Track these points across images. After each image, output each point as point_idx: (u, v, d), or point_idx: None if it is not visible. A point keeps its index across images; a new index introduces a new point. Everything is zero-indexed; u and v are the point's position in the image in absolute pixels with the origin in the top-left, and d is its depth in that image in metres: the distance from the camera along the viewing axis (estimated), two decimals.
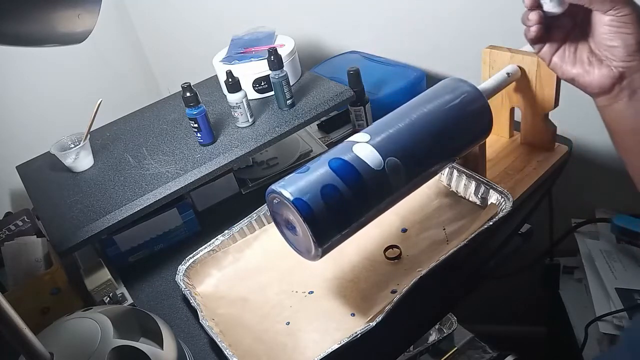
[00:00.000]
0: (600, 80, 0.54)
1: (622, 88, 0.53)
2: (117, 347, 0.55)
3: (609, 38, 0.52)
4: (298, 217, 0.56)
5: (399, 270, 0.73)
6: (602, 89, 0.55)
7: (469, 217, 0.77)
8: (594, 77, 0.55)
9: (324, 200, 0.56)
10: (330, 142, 1.05)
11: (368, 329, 0.62)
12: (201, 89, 1.03)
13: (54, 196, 0.84)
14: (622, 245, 0.97)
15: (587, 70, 0.56)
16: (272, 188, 0.58)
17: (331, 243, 0.58)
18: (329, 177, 0.57)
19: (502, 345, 1.05)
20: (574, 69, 0.57)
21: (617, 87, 0.53)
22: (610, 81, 0.53)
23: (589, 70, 0.55)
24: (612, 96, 0.54)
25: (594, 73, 0.55)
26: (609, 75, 0.53)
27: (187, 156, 0.86)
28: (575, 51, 0.58)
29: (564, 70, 0.58)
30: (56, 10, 0.48)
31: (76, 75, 1.31)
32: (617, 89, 0.54)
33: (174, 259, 0.85)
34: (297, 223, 0.58)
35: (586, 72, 0.56)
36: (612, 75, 0.53)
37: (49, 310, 0.75)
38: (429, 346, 1.06)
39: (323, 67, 1.18)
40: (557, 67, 0.59)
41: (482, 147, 0.79)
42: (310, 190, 0.56)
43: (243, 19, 1.31)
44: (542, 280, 1.10)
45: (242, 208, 0.84)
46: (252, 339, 0.68)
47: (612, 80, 0.53)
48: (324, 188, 0.56)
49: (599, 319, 0.88)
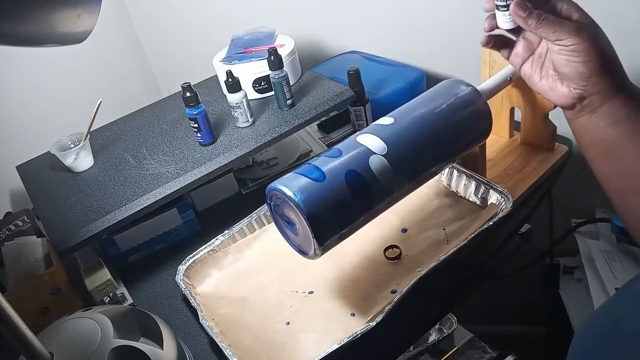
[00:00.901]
0: (562, 99, 0.56)
1: (582, 107, 0.55)
2: (117, 347, 0.55)
3: (561, 64, 0.53)
4: (299, 215, 0.55)
5: (399, 270, 0.73)
6: (565, 105, 0.56)
7: (469, 217, 0.77)
8: (558, 94, 0.56)
9: (325, 197, 0.55)
10: (330, 142, 1.05)
11: (368, 329, 0.62)
12: (201, 89, 1.03)
13: (54, 196, 0.84)
14: (622, 245, 0.97)
15: (552, 87, 0.57)
16: (273, 185, 0.58)
17: (331, 241, 0.58)
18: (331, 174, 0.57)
19: (502, 345, 1.05)
20: (541, 82, 0.58)
21: (578, 105, 0.55)
22: (571, 100, 0.55)
23: (553, 87, 0.57)
24: (575, 112, 0.56)
25: (557, 90, 0.56)
26: (569, 95, 0.55)
27: (187, 156, 0.86)
28: (542, 65, 0.58)
29: (533, 81, 0.59)
30: (56, 10, 0.48)
31: (76, 75, 1.31)
32: (578, 107, 0.55)
33: (174, 259, 0.85)
34: (298, 221, 0.57)
35: (551, 88, 0.57)
36: (572, 95, 0.54)
37: (49, 310, 0.75)
38: (429, 346, 1.06)
39: (323, 67, 1.18)
40: (527, 76, 0.60)
41: (482, 147, 0.79)
42: (311, 188, 0.56)
43: (243, 19, 1.31)
44: (542, 280, 1.10)
45: (242, 208, 0.84)
46: (252, 339, 0.68)
47: (573, 100, 0.55)
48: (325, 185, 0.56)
49: None
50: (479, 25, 0.61)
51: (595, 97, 0.53)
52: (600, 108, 0.53)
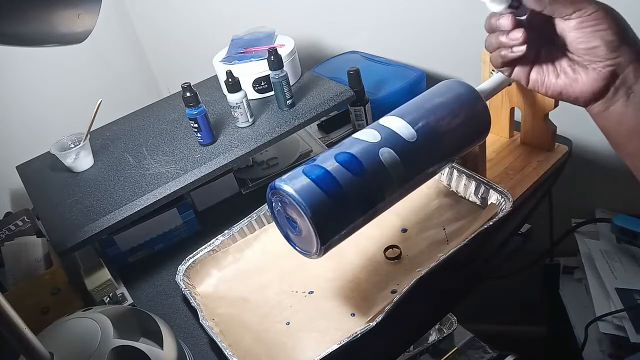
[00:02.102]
0: (591, 85, 0.50)
1: (616, 88, 0.49)
2: (117, 347, 0.55)
3: (585, 40, 0.48)
4: (301, 214, 0.55)
5: (399, 270, 0.74)
6: (595, 94, 0.50)
7: (469, 217, 0.77)
8: (584, 84, 0.50)
9: (328, 196, 0.55)
10: (330, 142, 1.05)
11: (368, 329, 0.62)
12: (201, 89, 1.03)
13: (54, 196, 0.84)
14: (622, 245, 0.97)
15: (574, 79, 0.51)
16: (274, 184, 0.57)
17: (333, 241, 0.57)
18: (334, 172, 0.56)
19: (502, 345, 1.05)
20: (559, 80, 0.52)
21: (611, 88, 0.49)
22: (603, 83, 0.49)
23: (575, 78, 0.51)
24: (607, 99, 0.50)
25: (583, 79, 0.51)
26: (599, 77, 0.49)
27: (187, 156, 0.86)
28: (553, 63, 0.53)
29: (549, 84, 0.53)
30: (56, 10, 0.48)
31: (76, 75, 1.31)
32: (612, 90, 0.49)
33: (174, 259, 0.85)
34: (300, 220, 0.57)
35: (574, 80, 0.51)
36: (603, 76, 0.49)
37: (49, 310, 0.75)
38: (429, 346, 1.06)
39: (323, 67, 1.18)
40: (539, 83, 0.54)
41: (482, 147, 0.79)
42: (313, 187, 0.55)
43: (243, 19, 1.31)
44: (542, 280, 1.10)
45: (242, 208, 0.84)
46: (252, 339, 0.68)
47: (605, 81, 0.49)
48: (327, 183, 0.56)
49: (599, 319, 0.88)
50: (479, 25, 0.60)
51: (630, 71, 0.48)
52: (637, 84, 0.48)
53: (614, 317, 0.87)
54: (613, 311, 0.87)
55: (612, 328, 0.87)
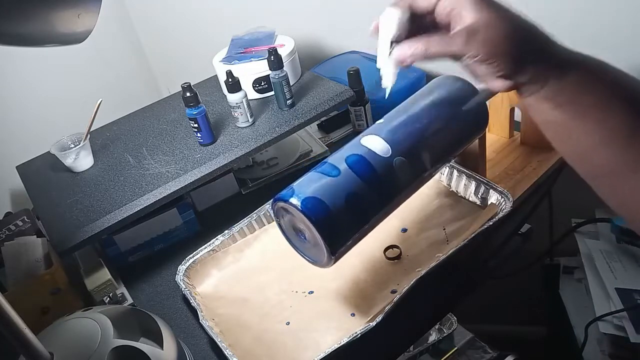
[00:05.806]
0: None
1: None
2: (117, 347, 0.55)
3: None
4: (310, 227, 0.53)
5: (399, 270, 0.74)
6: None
7: (469, 217, 0.77)
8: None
9: (336, 207, 0.53)
10: (330, 142, 1.05)
11: (368, 329, 0.62)
12: (201, 89, 1.03)
13: (54, 196, 0.84)
14: (622, 245, 0.97)
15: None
16: (280, 196, 0.55)
17: (343, 250, 0.56)
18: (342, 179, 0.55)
19: (502, 345, 1.05)
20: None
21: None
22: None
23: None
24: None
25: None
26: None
27: (187, 156, 0.86)
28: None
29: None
30: (56, 10, 0.48)
31: (76, 75, 1.31)
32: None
33: (174, 259, 0.85)
34: (308, 232, 0.55)
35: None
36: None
37: (49, 310, 0.75)
38: (429, 346, 1.06)
39: (323, 67, 1.18)
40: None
41: (482, 147, 0.79)
42: (322, 197, 0.53)
43: (243, 19, 1.31)
44: (542, 280, 1.10)
45: (242, 208, 0.84)
46: (252, 339, 0.68)
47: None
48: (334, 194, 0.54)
49: (599, 319, 0.88)
50: None
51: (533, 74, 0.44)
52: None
53: (614, 317, 0.87)
54: (613, 311, 0.87)
55: (612, 328, 0.87)
